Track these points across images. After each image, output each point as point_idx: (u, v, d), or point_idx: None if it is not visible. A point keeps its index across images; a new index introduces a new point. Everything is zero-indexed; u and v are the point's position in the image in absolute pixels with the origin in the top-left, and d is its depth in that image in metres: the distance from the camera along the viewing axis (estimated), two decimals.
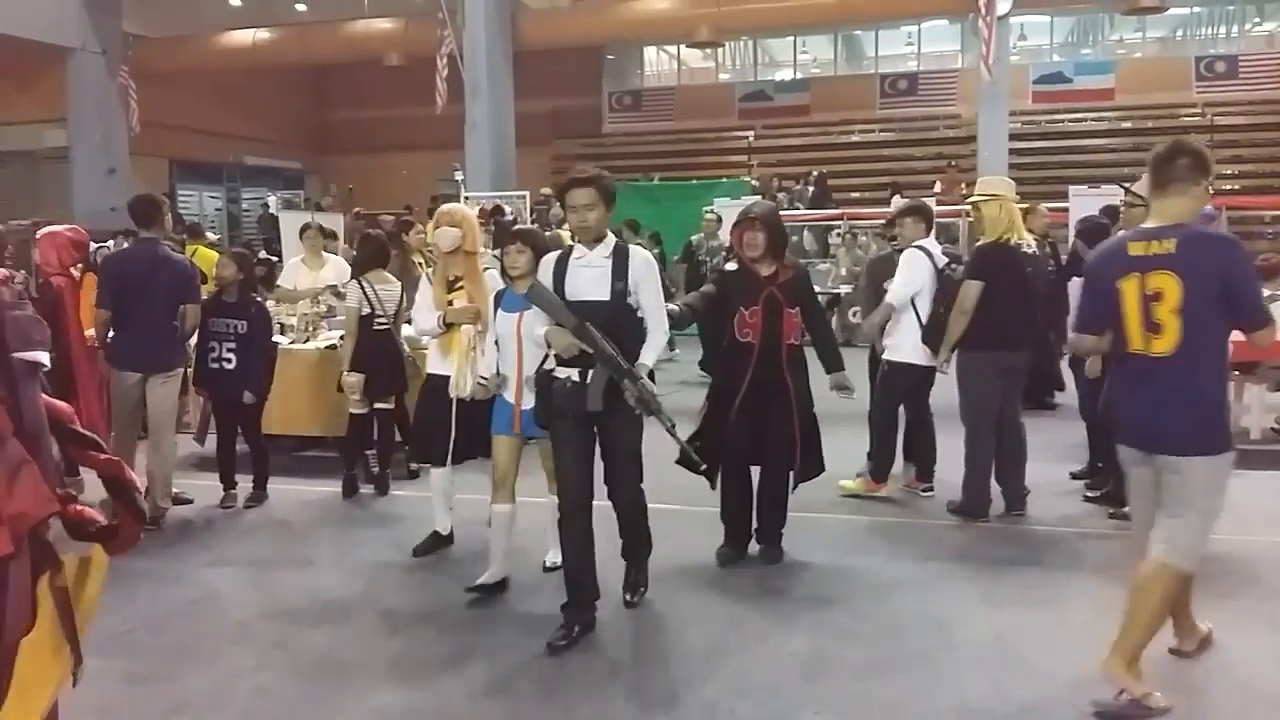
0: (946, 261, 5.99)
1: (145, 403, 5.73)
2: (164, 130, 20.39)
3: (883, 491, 6.07)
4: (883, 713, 3.50)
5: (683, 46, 23.37)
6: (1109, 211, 6.82)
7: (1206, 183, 3.48)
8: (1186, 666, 3.77)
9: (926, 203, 6.45)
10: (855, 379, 5.06)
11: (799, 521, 5.18)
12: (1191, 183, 3.42)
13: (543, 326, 4.04)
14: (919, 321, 5.84)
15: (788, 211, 15.78)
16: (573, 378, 3.96)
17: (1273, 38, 22.78)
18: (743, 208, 5.77)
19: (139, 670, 3.79)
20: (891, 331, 5.99)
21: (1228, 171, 18.67)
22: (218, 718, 3.54)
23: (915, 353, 5.86)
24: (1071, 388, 6.87)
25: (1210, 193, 3.61)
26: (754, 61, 25.64)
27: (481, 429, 4.66)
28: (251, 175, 24.94)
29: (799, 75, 24.92)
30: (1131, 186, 5.53)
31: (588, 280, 3.97)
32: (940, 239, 12.39)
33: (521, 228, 5.28)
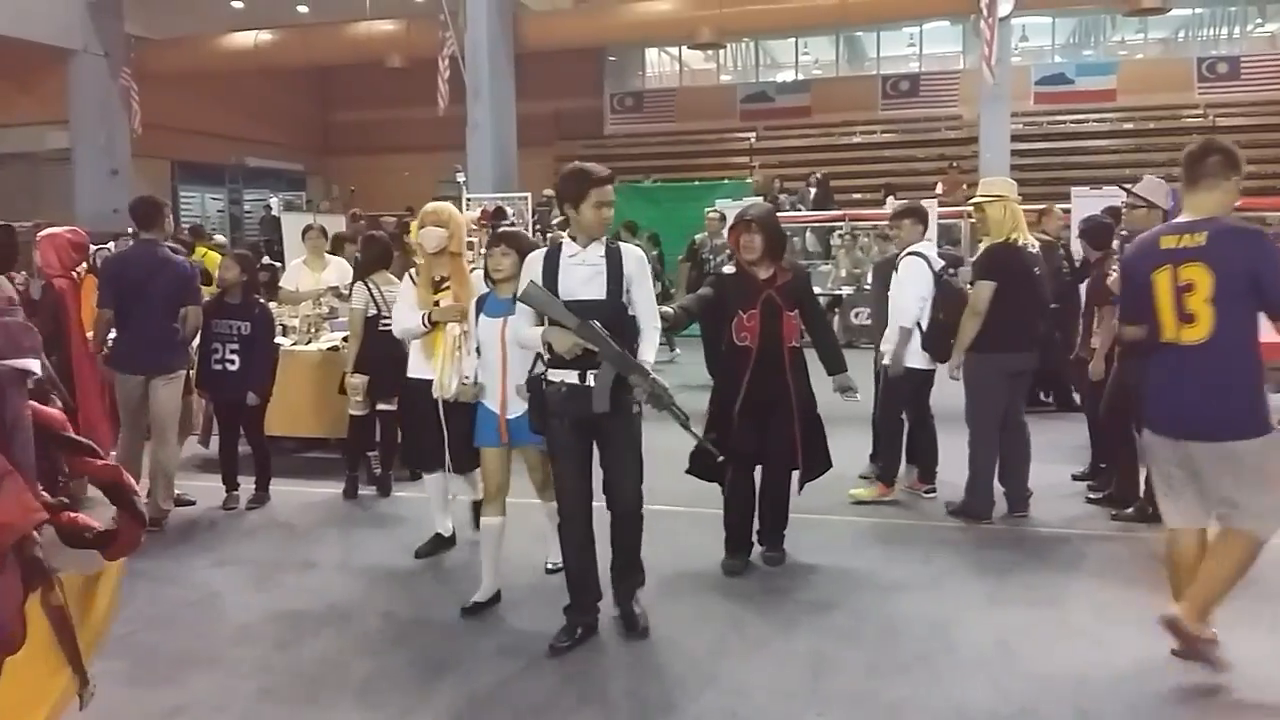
0: (943, 265, 5.98)
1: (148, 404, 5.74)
2: (166, 132, 20.39)
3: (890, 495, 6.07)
4: (885, 714, 3.49)
5: (684, 48, 23.36)
6: (1111, 213, 6.81)
7: (1237, 178, 3.62)
8: (1189, 667, 3.77)
9: (922, 204, 6.42)
10: (858, 380, 5.05)
11: (801, 523, 5.17)
12: (1222, 178, 3.59)
13: (529, 328, 3.93)
14: (919, 327, 5.84)
15: (790, 213, 15.81)
16: (567, 380, 3.86)
17: (1275, 39, 22.73)
18: (728, 213, 5.73)
19: (140, 671, 3.79)
20: (891, 337, 5.98)
21: None
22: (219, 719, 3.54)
23: (915, 357, 5.85)
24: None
25: (1240, 189, 3.75)
26: (755, 63, 25.62)
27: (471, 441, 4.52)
28: (253, 177, 24.93)
29: (800, 76, 24.89)
30: (1132, 188, 5.52)
31: (582, 279, 3.88)
32: (942, 241, 12.46)
33: (506, 230, 5.16)
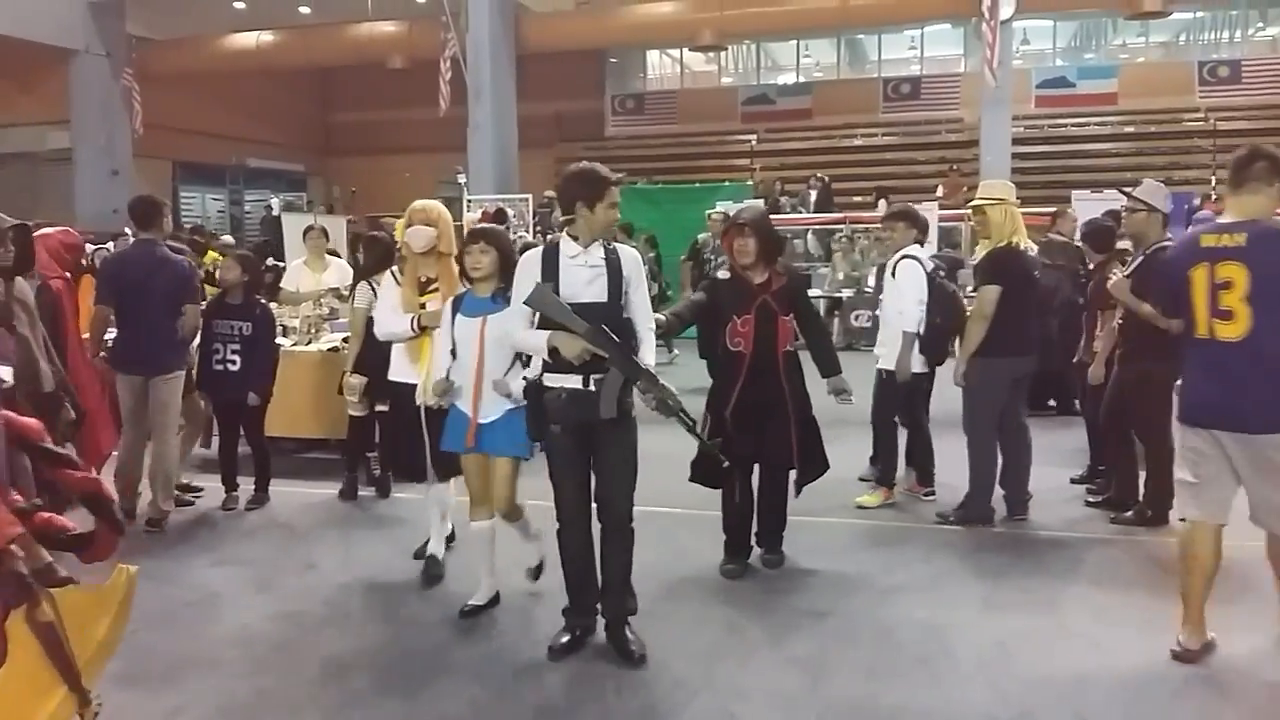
0: (933, 267, 5.97)
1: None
2: (167, 132, 20.40)
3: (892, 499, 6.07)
4: (884, 717, 3.49)
5: (685, 50, 23.34)
6: (1112, 216, 6.80)
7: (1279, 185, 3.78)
8: (1188, 670, 3.77)
9: (913, 207, 6.42)
10: (855, 383, 5.03)
11: (800, 525, 5.17)
12: (1265, 183, 3.73)
13: (527, 331, 3.82)
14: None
15: (791, 216, 15.81)
16: (568, 386, 3.77)
17: (1276, 43, 22.72)
18: (733, 213, 5.69)
19: (139, 671, 3.78)
20: (885, 341, 5.97)
21: None
22: None
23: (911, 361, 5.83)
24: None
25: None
26: (756, 65, 25.61)
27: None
28: (254, 177, 24.93)
29: (801, 79, 24.87)
30: (1132, 191, 5.52)
31: (585, 280, 3.77)
32: (943, 245, 12.44)
33: (484, 226, 5.03)
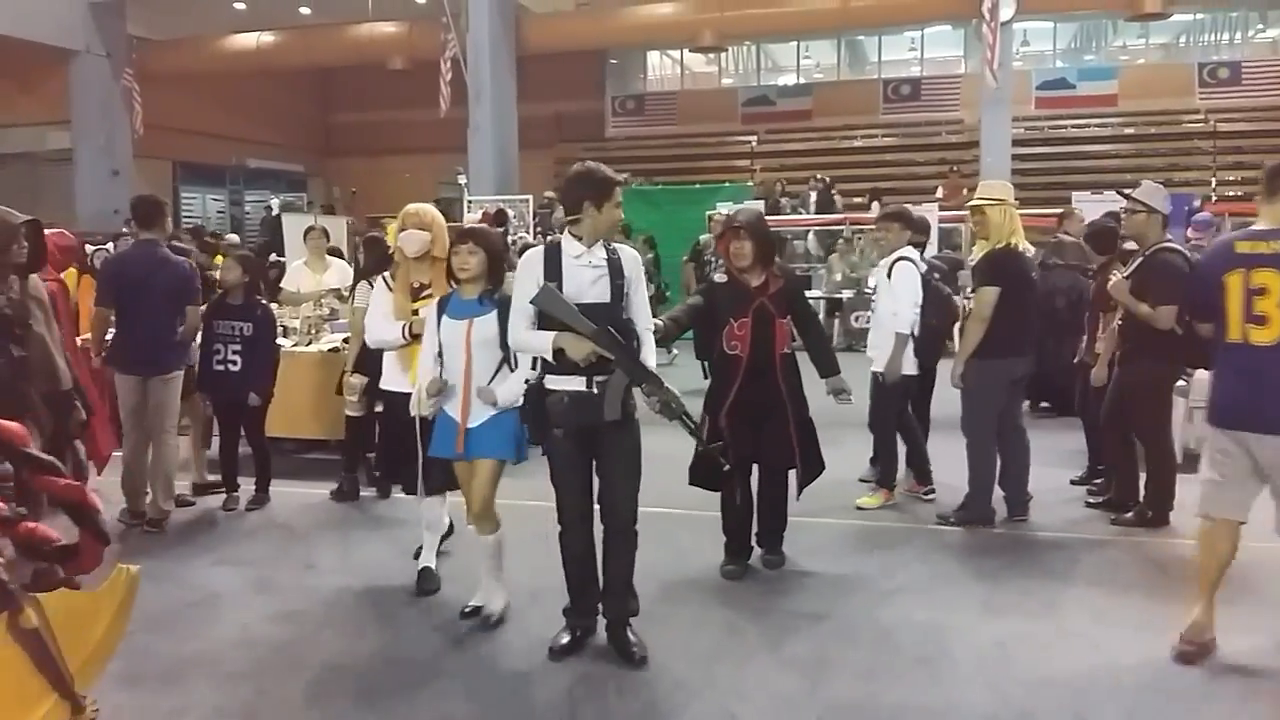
0: (926, 269, 5.97)
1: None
2: (167, 133, 20.40)
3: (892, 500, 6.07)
4: (884, 719, 3.49)
5: (686, 51, 23.35)
6: (1113, 217, 6.80)
7: None
8: (1188, 671, 3.77)
9: (908, 208, 6.44)
10: (855, 384, 5.03)
11: (800, 526, 5.18)
12: None
13: (529, 332, 3.77)
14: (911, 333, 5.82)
15: (791, 216, 15.82)
16: (570, 388, 3.74)
17: (1276, 44, 22.73)
18: (728, 216, 5.68)
19: (139, 672, 3.78)
20: (876, 343, 5.97)
21: (1230, 178, 18.63)
22: None
23: (905, 363, 5.81)
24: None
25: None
26: (757, 66, 25.64)
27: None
28: (254, 178, 24.92)
29: (802, 80, 24.90)
30: (1132, 193, 5.52)
31: (589, 280, 3.74)
32: (942, 246, 12.43)
33: (473, 226, 4.93)
